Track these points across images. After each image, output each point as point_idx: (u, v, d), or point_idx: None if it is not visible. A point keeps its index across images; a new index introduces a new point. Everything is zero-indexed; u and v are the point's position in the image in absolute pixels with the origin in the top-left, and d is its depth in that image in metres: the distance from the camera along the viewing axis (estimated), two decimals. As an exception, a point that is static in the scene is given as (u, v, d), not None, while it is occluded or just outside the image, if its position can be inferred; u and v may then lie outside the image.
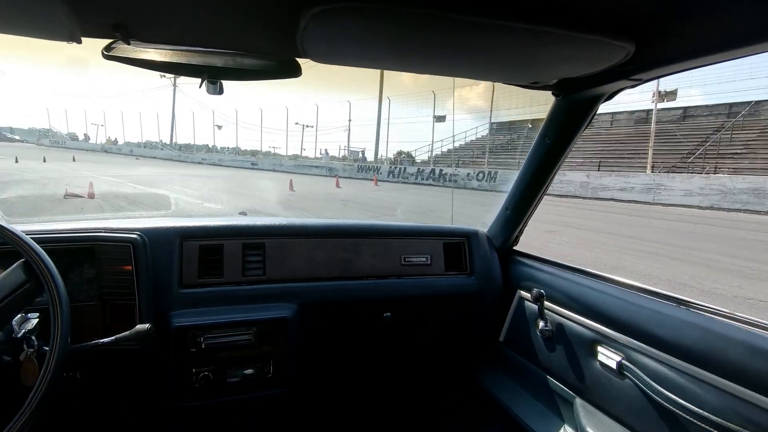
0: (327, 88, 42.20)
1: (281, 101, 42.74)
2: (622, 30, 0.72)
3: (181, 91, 43.14)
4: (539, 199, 1.48)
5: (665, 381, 0.96)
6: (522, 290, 1.53)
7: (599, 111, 1.22)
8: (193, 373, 1.27)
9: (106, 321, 1.19)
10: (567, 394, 1.28)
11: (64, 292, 0.88)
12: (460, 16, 0.65)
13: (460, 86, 31.26)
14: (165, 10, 0.71)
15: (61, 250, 1.16)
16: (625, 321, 1.10)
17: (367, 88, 42.94)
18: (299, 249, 1.46)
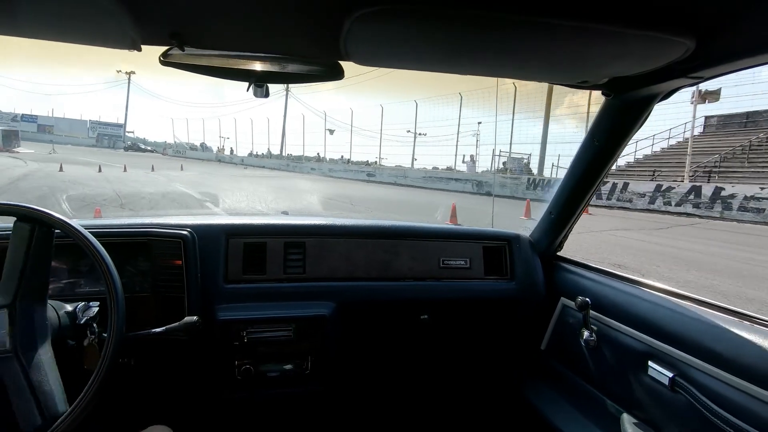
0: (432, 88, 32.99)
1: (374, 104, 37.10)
2: (681, 24, 0.68)
3: (293, 96, 40.17)
4: (586, 204, 1.43)
5: (722, 400, 0.90)
6: (566, 297, 1.48)
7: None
8: (236, 366, 1.31)
9: (158, 312, 1.24)
10: (613, 408, 1.23)
11: (119, 283, 0.93)
12: (505, 15, 0.64)
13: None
14: (217, 18, 0.74)
15: (118, 243, 1.23)
16: (678, 334, 1.04)
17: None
18: (339, 248, 1.47)
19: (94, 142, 43.17)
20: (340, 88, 42.16)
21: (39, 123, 44.63)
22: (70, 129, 44.86)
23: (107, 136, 44.11)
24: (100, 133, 44.29)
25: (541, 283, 1.59)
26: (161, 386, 1.39)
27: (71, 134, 43.95)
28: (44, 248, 0.90)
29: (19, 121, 43.37)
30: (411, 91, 49.89)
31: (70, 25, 0.74)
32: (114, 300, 0.90)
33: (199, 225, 1.36)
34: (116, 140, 43.81)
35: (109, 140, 43.53)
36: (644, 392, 1.11)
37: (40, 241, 0.89)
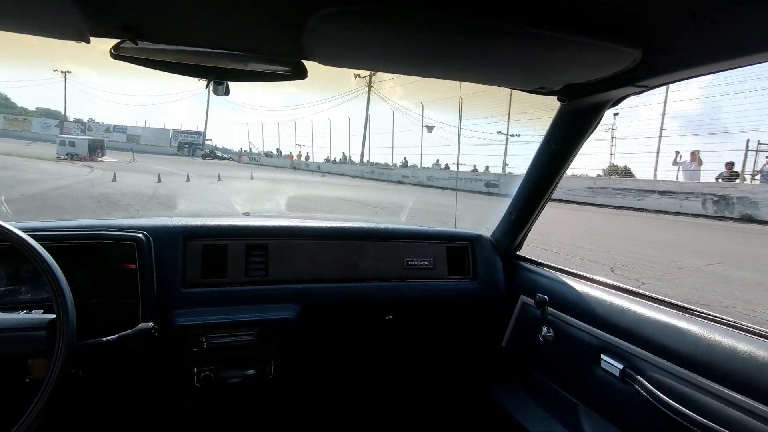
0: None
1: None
2: (629, 36, 0.72)
3: (375, 92, 36.02)
4: (543, 205, 1.48)
5: (669, 389, 0.96)
6: (525, 295, 1.52)
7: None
8: (195, 373, 1.27)
9: (110, 319, 1.19)
10: (569, 401, 1.28)
11: (67, 288, 0.88)
12: (467, 20, 0.65)
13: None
14: (174, 11, 0.71)
15: (66, 247, 1.17)
16: (629, 328, 1.10)
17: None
18: (302, 250, 1.46)
19: (175, 150, 43.30)
20: (409, 83, 36.35)
21: (128, 133, 45.30)
22: (155, 138, 44.90)
23: (187, 144, 43.80)
24: (181, 142, 44.29)
25: (502, 282, 1.63)
26: (114, 397, 1.32)
27: (156, 143, 43.88)
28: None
29: (111, 132, 42.24)
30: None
31: (8, 12, 0.69)
32: (62, 307, 0.86)
33: (154, 227, 1.32)
34: (195, 148, 43.39)
35: (189, 148, 43.33)
36: (598, 384, 1.16)
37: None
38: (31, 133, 43.78)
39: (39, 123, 46.39)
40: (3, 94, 75.56)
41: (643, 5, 0.64)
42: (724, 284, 4.86)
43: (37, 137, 40.71)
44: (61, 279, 0.88)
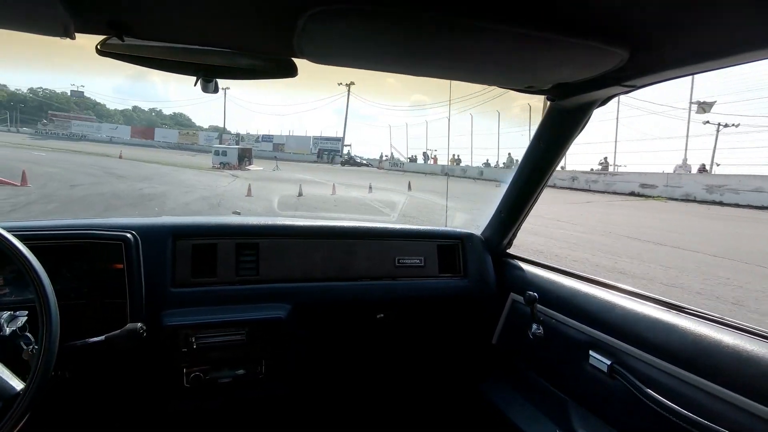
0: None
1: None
2: (616, 36, 0.73)
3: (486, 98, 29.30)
4: (533, 203, 1.48)
5: (655, 384, 0.97)
6: (515, 293, 1.53)
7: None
8: (184, 374, 1.26)
9: (97, 319, 1.17)
10: (559, 397, 1.28)
11: (50, 289, 0.87)
12: (456, 19, 0.65)
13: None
14: (160, 7, 0.70)
15: (51, 247, 1.15)
16: (616, 324, 1.11)
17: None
18: (293, 249, 1.45)
19: (315, 157, 43.17)
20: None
21: (274, 142, 47.03)
22: (297, 145, 45.67)
23: (327, 150, 43.33)
24: (320, 148, 44.11)
25: (492, 279, 1.64)
26: (103, 399, 1.31)
27: (297, 150, 44.59)
28: None
29: (260, 141, 46.03)
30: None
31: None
32: (45, 307, 0.84)
33: (143, 226, 1.30)
34: (335, 155, 42.54)
35: (328, 155, 42.68)
36: (586, 380, 1.17)
37: None
38: (198, 145, 48.51)
39: (204, 136, 51.70)
40: (186, 115, 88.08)
41: (630, 6, 0.65)
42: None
43: (203, 149, 44.25)
44: (45, 280, 0.87)
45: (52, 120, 53.05)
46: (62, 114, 56.01)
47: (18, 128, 53.45)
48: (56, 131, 50.20)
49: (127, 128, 56.88)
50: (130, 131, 54.88)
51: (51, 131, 50.28)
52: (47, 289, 0.85)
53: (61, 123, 52.38)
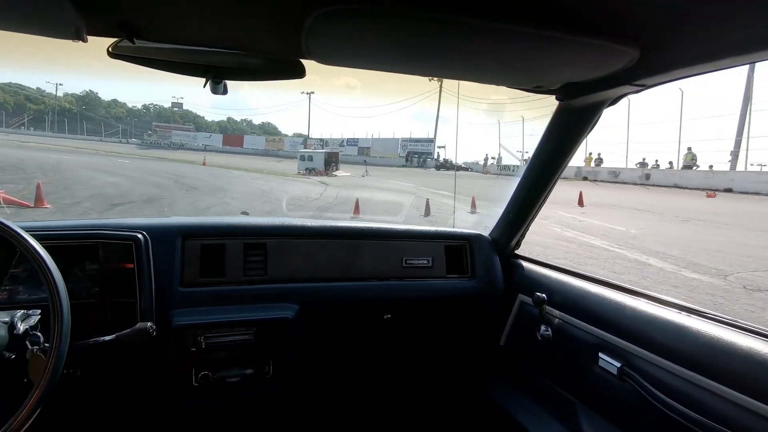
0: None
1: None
2: (627, 35, 0.72)
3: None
4: (542, 203, 1.47)
5: (665, 387, 0.95)
6: (523, 294, 1.52)
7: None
8: (193, 373, 1.27)
9: (107, 318, 1.18)
10: (567, 399, 1.27)
11: (63, 289, 0.88)
12: (464, 19, 0.65)
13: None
14: (171, 9, 0.71)
15: (64, 247, 1.16)
16: (626, 327, 1.09)
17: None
18: (301, 250, 1.46)
19: (403, 161, 39.27)
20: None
21: (359, 146, 44.84)
22: (384, 149, 42.50)
23: (417, 154, 39.15)
24: (409, 151, 40.15)
25: (500, 280, 1.63)
26: (113, 397, 1.32)
27: (384, 154, 41.45)
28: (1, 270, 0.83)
29: (345, 146, 43.47)
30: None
31: (5, 11, 0.69)
32: (57, 307, 0.86)
33: (152, 226, 1.32)
34: (426, 158, 38.22)
35: (418, 158, 38.48)
36: (595, 382, 1.16)
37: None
38: (283, 151, 47.63)
39: (289, 142, 50.82)
40: (272, 124, 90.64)
41: (641, 4, 0.64)
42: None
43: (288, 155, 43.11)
44: (58, 279, 0.88)
45: (155, 131, 56.53)
46: (164, 125, 59.65)
47: (128, 139, 57.89)
48: (159, 141, 53.09)
49: (220, 137, 58.74)
50: (222, 139, 56.42)
51: (154, 141, 53.26)
52: (60, 289, 0.87)
53: (163, 133, 55.23)
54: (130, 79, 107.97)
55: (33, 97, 69.54)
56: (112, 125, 69.22)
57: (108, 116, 74.48)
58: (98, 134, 59.50)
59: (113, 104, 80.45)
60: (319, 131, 49.75)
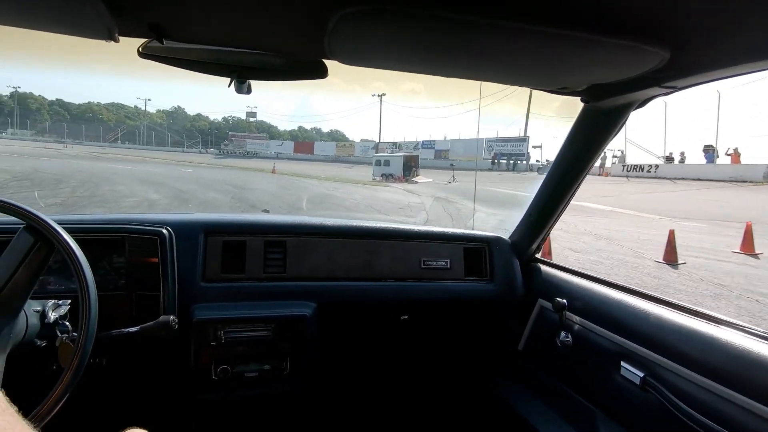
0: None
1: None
2: (656, 35, 0.69)
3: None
4: (564, 207, 1.45)
5: (691, 400, 0.92)
6: (543, 299, 1.49)
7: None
8: (213, 366, 1.28)
9: (132, 311, 1.22)
10: (587, 408, 1.25)
11: (92, 280, 0.90)
12: (489, 20, 0.64)
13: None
14: (198, 10, 0.72)
15: (93, 240, 1.19)
16: (650, 335, 1.06)
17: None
18: (319, 248, 1.46)
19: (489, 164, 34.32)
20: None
21: (436, 148, 41.25)
22: (465, 151, 38.14)
23: (506, 155, 34.14)
24: (497, 152, 35.25)
25: (520, 284, 1.60)
26: (136, 387, 1.36)
27: (467, 157, 37.25)
28: (39, 265, 0.88)
29: (419, 149, 40.09)
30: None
31: (40, 10, 0.71)
32: (86, 299, 0.88)
33: (176, 222, 1.34)
34: (517, 159, 33.14)
35: (507, 161, 33.44)
36: (617, 391, 1.13)
37: (38, 258, 0.86)
38: (354, 156, 45.35)
39: (360, 147, 48.56)
40: (340, 131, 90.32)
41: (671, 3, 0.61)
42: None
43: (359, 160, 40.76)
44: (88, 271, 0.90)
45: (231, 140, 58.29)
46: (239, 134, 61.83)
47: (207, 150, 60.07)
48: (234, 150, 54.39)
49: (291, 144, 58.80)
50: (293, 147, 56.33)
51: (230, 151, 54.67)
52: (89, 280, 0.89)
53: (238, 142, 57.01)
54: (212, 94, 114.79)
55: (131, 114, 75.43)
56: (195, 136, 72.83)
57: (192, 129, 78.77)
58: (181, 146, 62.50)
59: (197, 118, 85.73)
60: (388, 135, 46.84)
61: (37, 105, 69.55)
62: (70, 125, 62.27)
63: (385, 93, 45.05)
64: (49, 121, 65.53)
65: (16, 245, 0.85)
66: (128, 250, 1.23)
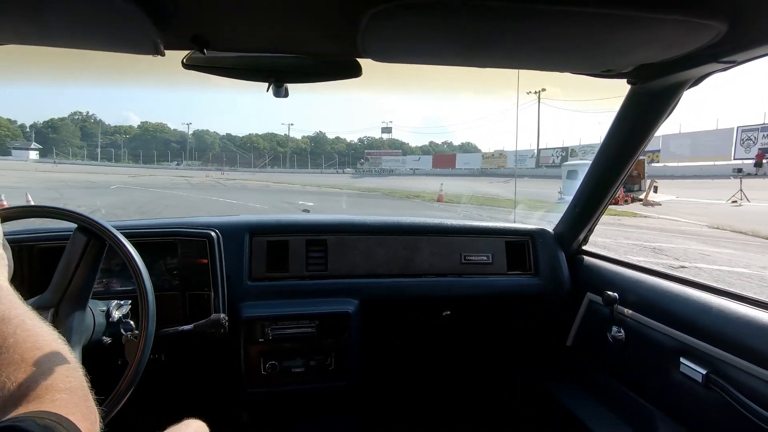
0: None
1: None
2: (710, 8, 0.63)
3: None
4: (612, 196, 1.38)
5: (761, 399, 0.85)
6: (592, 293, 1.44)
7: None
8: (261, 362, 1.34)
9: (185, 309, 1.28)
10: (643, 406, 1.19)
11: (149, 282, 0.96)
12: (524, 4, 0.61)
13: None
14: (237, 20, 0.74)
15: (149, 244, 1.26)
16: (712, 329, 0.99)
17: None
18: (359, 246, 1.48)
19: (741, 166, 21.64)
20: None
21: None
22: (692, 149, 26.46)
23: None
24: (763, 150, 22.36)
25: (566, 278, 1.55)
26: (192, 381, 1.43)
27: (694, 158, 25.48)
28: (95, 260, 0.93)
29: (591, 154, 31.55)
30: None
31: (94, 32, 0.75)
32: (145, 301, 0.93)
33: (223, 224, 1.39)
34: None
35: None
36: (676, 389, 1.07)
37: (93, 253, 0.93)
38: (506, 168, 36.95)
39: (512, 156, 39.61)
40: (472, 143, 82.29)
41: None
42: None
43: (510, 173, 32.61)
44: (145, 273, 0.95)
45: (367, 158, 55.97)
46: (374, 151, 59.63)
47: (343, 170, 59.31)
48: (370, 168, 51.38)
49: (429, 158, 53.52)
50: (431, 161, 50.81)
51: (366, 169, 51.83)
52: (146, 282, 0.95)
53: (374, 160, 54.05)
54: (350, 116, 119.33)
55: (281, 141, 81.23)
56: (332, 158, 74.55)
57: (332, 151, 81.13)
58: (320, 167, 63.39)
59: (336, 141, 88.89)
60: (526, 142, 37.04)
61: (210, 139, 78.88)
62: (228, 154, 68.36)
63: (545, 88, 36.00)
64: (214, 152, 74.03)
65: (72, 246, 0.93)
66: (180, 252, 1.29)
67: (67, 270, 0.90)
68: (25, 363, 0.46)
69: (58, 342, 0.53)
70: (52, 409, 0.42)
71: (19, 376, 0.45)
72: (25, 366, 0.46)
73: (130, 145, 72.40)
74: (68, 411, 0.43)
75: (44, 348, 0.49)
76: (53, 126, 70.14)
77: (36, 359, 0.47)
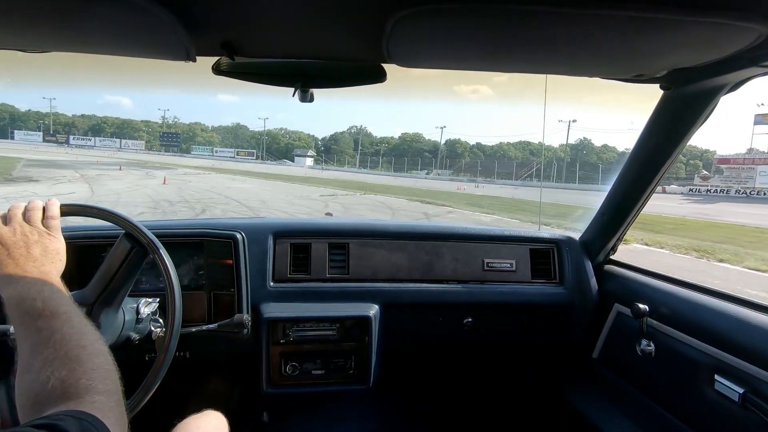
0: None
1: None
2: (749, 9, 0.60)
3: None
4: (642, 205, 1.34)
5: None
6: (620, 304, 1.40)
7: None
8: (282, 362, 1.36)
9: (210, 309, 1.31)
10: (674, 424, 1.15)
11: (176, 280, 0.98)
12: (551, 8, 0.60)
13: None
14: (265, 26, 0.76)
15: (176, 243, 1.30)
16: (751, 347, 0.95)
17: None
18: (381, 250, 1.49)
19: None
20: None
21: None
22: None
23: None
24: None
25: (594, 288, 1.51)
26: (214, 379, 1.46)
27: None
28: (135, 267, 0.98)
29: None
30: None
31: (128, 40, 0.78)
32: (172, 295, 0.96)
33: (248, 225, 1.42)
34: None
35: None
36: (711, 408, 1.03)
37: (134, 261, 0.97)
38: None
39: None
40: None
41: None
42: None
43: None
44: (173, 273, 0.98)
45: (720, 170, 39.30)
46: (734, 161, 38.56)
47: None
48: (727, 187, 32.38)
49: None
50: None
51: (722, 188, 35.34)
52: (174, 281, 0.97)
53: (734, 173, 35.82)
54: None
55: (535, 150, 76.67)
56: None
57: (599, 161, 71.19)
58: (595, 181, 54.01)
59: (604, 149, 78.69)
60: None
61: (461, 149, 79.98)
62: (484, 163, 65.26)
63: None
64: (467, 161, 71.13)
65: (116, 250, 0.97)
66: (206, 252, 1.33)
67: (108, 272, 0.94)
68: (70, 360, 0.49)
69: (100, 342, 0.55)
70: (90, 411, 0.44)
71: (62, 373, 0.47)
72: (69, 363, 0.48)
73: (392, 153, 76.76)
74: (104, 414, 0.44)
75: (87, 347, 0.52)
76: (335, 138, 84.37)
77: (80, 358, 0.50)
